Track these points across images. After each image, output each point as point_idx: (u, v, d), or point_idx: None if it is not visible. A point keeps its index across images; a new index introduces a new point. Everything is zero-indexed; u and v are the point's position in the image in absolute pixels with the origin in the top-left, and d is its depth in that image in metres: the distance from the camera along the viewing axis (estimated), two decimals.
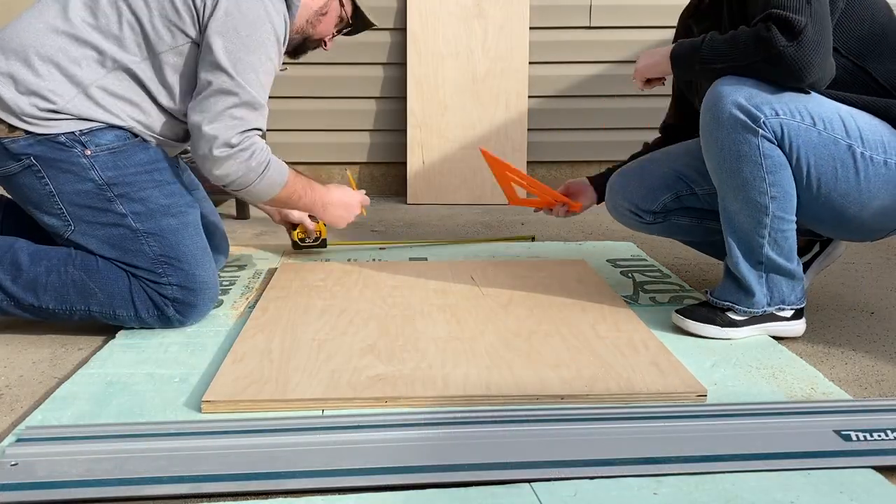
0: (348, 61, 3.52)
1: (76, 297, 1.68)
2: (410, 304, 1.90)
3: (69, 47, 1.65)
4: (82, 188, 1.66)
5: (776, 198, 1.63)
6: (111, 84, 1.68)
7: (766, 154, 1.60)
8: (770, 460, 1.19)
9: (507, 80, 3.45)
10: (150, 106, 1.73)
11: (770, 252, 1.67)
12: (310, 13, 1.91)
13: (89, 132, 1.66)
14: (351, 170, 3.68)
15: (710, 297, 1.75)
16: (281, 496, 1.10)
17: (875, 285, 2.20)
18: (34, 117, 1.63)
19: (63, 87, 1.64)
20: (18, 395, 1.46)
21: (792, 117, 1.59)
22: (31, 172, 1.65)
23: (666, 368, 1.51)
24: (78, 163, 1.65)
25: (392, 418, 1.31)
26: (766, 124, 1.59)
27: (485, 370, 1.49)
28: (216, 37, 1.66)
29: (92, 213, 1.67)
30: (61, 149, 1.64)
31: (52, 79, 1.64)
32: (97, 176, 1.66)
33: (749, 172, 1.62)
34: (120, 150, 1.69)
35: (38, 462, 1.16)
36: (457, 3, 3.42)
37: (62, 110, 1.64)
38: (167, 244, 1.70)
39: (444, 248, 2.61)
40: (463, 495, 1.10)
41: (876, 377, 1.57)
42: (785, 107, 1.59)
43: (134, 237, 1.68)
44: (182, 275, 1.71)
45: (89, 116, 1.66)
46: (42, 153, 1.64)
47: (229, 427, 1.28)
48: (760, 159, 1.61)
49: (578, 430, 1.27)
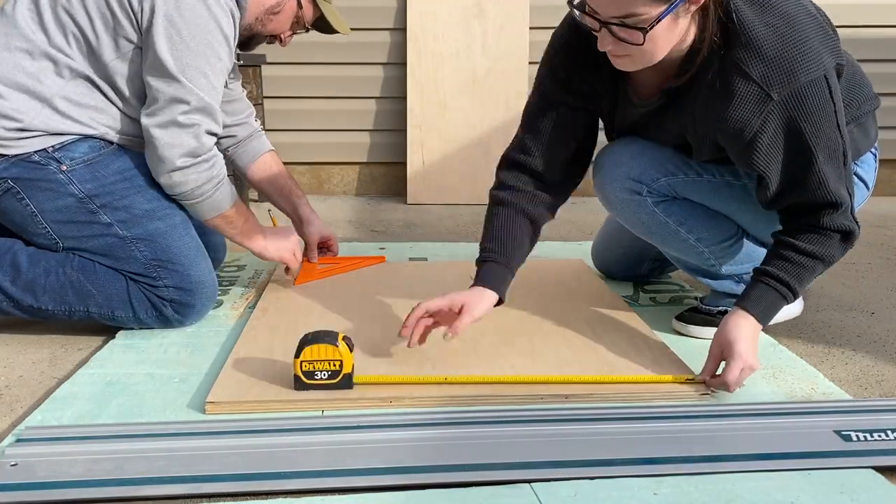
0: (348, 61, 3.52)
1: (74, 298, 1.68)
2: (411, 304, 1.90)
3: (24, 63, 1.62)
4: (63, 204, 1.64)
5: (702, 238, 1.67)
6: (73, 93, 1.65)
7: (668, 212, 1.64)
8: (770, 460, 1.19)
9: (507, 80, 3.45)
10: (115, 111, 1.70)
11: (729, 268, 1.71)
12: (260, 10, 1.83)
13: (62, 147, 1.64)
14: (351, 170, 3.68)
15: (702, 304, 1.76)
16: (281, 496, 1.10)
17: (875, 285, 2.20)
18: (3, 139, 1.60)
19: (26, 104, 1.62)
20: (18, 395, 1.46)
21: (674, 175, 1.62)
22: (11, 195, 1.64)
23: (669, 367, 1.51)
24: (55, 179, 1.63)
25: (392, 418, 1.31)
26: (651, 192, 1.62)
27: (488, 370, 1.49)
28: (161, 43, 1.60)
29: (77, 227, 1.66)
30: (37, 167, 1.62)
31: (13, 97, 1.61)
32: (77, 190, 1.64)
33: (662, 232, 1.67)
34: (95, 160, 1.67)
35: (38, 462, 1.16)
36: (457, 3, 3.42)
37: (30, 127, 1.61)
38: (158, 248, 1.69)
39: (444, 247, 2.60)
40: (463, 495, 1.10)
41: (876, 377, 1.57)
42: (663, 168, 1.61)
43: (123, 245, 1.67)
44: (177, 276, 1.70)
45: (59, 130, 1.64)
46: (18, 174, 1.62)
47: (229, 427, 1.28)
48: (664, 219, 1.65)
49: (578, 430, 1.27)
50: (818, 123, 1.39)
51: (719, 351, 1.42)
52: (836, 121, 1.41)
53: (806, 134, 1.40)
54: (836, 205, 1.43)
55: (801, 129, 1.39)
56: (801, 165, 1.42)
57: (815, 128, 1.39)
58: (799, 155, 1.42)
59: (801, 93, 1.37)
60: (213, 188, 1.71)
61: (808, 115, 1.39)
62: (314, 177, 3.70)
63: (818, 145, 1.40)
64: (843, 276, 2.26)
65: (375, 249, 2.56)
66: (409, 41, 3.44)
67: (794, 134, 1.40)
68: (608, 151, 1.69)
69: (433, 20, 3.44)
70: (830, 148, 1.42)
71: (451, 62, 3.45)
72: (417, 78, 3.45)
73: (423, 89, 3.46)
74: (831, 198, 1.42)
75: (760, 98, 1.38)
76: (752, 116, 1.40)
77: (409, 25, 3.44)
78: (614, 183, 1.64)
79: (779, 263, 1.45)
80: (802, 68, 1.36)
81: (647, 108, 1.56)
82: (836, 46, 1.44)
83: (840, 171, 1.43)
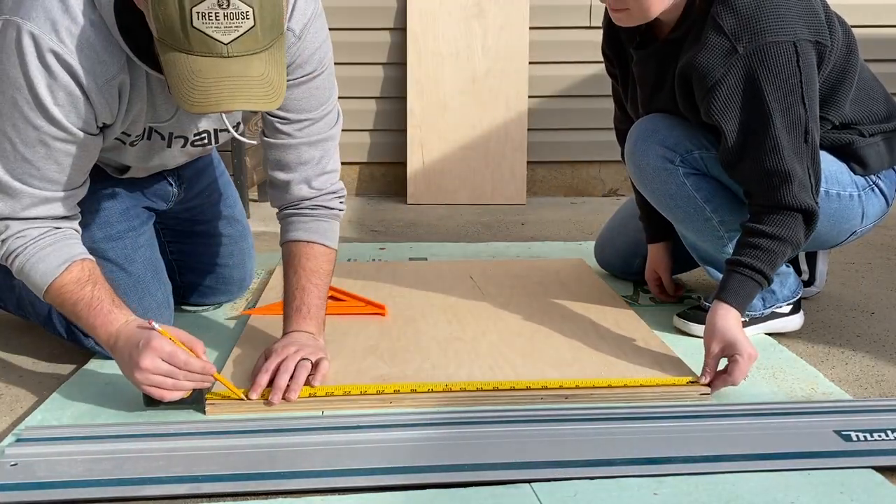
0: (348, 61, 3.51)
1: (16, 303, 1.65)
2: (411, 304, 1.90)
3: None
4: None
5: (725, 221, 1.67)
6: None
7: (697, 187, 1.65)
8: (770, 460, 1.19)
9: (507, 80, 3.45)
10: None
11: None
12: None
13: None
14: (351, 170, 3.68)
15: (704, 302, 1.76)
16: (281, 496, 1.10)
17: (875, 285, 2.19)
18: None
19: None
20: (18, 395, 1.46)
21: (707, 150, 1.64)
22: None
23: (669, 367, 1.51)
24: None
25: (392, 418, 1.31)
26: (684, 161, 1.64)
27: (488, 370, 1.49)
28: None
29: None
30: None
31: None
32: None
33: (687, 207, 1.67)
34: None
35: (38, 462, 1.16)
36: (457, 3, 3.42)
37: None
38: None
39: (444, 247, 2.60)
40: (463, 495, 1.10)
41: (876, 377, 1.57)
42: (698, 141, 1.64)
43: None
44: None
45: None
46: None
47: (229, 427, 1.28)
48: (692, 192, 1.66)
49: (579, 430, 1.27)
50: (779, 87, 1.47)
51: (720, 349, 1.43)
52: (800, 91, 1.47)
53: (765, 94, 1.47)
54: (789, 176, 1.47)
55: (762, 88, 1.47)
56: (758, 126, 1.48)
57: (775, 90, 1.47)
58: (756, 114, 1.48)
59: (764, 51, 1.46)
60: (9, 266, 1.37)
61: (769, 76, 1.47)
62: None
63: (775, 110, 1.47)
64: (843, 276, 2.26)
65: (375, 250, 2.56)
66: (409, 41, 3.44)
67: (754, 92, 1.48)
68: (643, 122, 1.72)
69: (433, 20, 3.44)
70: (790, 117, 1.48)
71: (451, 62, 3.45)
72: (417, 78, 3.45)
73: (423, 89, 3.45)
74: (785, 166, 1.47)
75: (727, 50, 1.48)
76: (716, 66, 1.49)
77: (409, 25, 3.44)
78: (648, 150, 1.67)
79: (750, 252, 1.49)
80: (771, 29, 1.46)
81: (640, 60, 1.68)
82: (818, 27, 1.50)
83: (800, 145, 1.49)
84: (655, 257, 1.95)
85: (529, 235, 2.84)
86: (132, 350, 1.27)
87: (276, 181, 1.54)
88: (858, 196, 1.68)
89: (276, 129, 1.49)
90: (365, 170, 3.68)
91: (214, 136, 1.53)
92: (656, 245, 1.94)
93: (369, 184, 3.67)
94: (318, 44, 1.45)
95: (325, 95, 1.51)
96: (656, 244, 1.94)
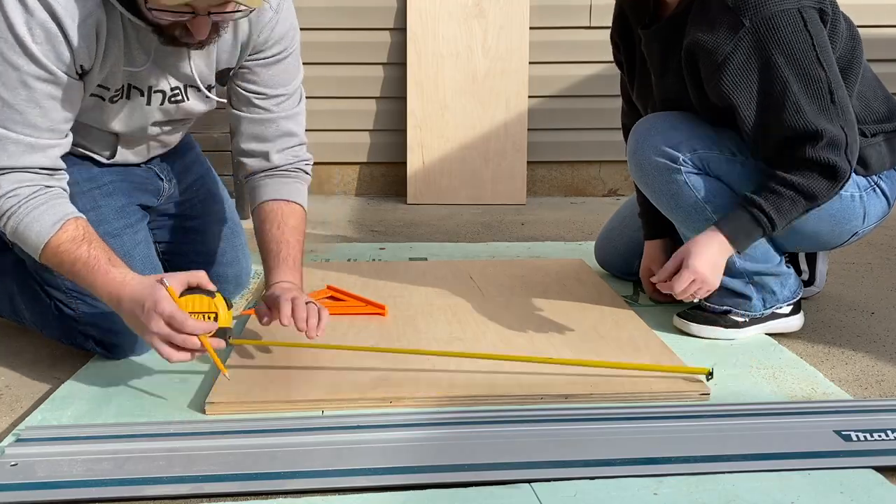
0: (348, 61, 3.51)
1: (10, 307, 1.65)
2: (411, 304, 1.90)
3: None
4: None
5: None
6: None
7: (697, 186, 1.65)
8: (770, 460, 1.19)
9: (507, 80, 3.45)
10: None
11: (743, 263, 1.69)
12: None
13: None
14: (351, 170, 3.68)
15: (704, 302, 1.75)
16: (281, 496, 1.10)
17: (875, 285, 2.19)
18: None
19: None
20: (18, 395, 1.46)
21: (710, 150, 1.64)
22: None
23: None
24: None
25: (392, 418, 1.31)
26: (686, 161, 1.64)
27: (488, 370, 1.49)
28: None
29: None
30: None
31: None
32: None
33: (688, 207, 1.67)
34: None
35: (38, 462, 1.16)
36: (457, 3, 3.42)
37: None
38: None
39: (444, 247, 2.60)
40: (463, 495, 1.10)
41: (876, 377, 1.57)
42: (700, 141, 1.64)
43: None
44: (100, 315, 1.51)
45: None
46: None
47: (229, 427, 1.28)
48: (694, 192, 1.66)
49: (578, 430, 1.27)
50: (792, 55, 1.47)
51: (679, 260, 1.49)
52: (814, 54, 1.48)
53: (778, 64, 1.48)
54: (817, 134, 1.47)
55: (774, 58, 1.48)
56: (776, 96, 1.49)
57: (788, 58, 1.48)
58: (771, 84, 1.49)
59: (771, 21, 1.46)
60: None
61: (780, 45, 1.47)
62: (314, 177, 3.68)
63: (791, 76, 1.48)
64: (843, 276, 2.26)
65: (375, 250, 2.56)
66: (409, 41, 3.44)
67: (766, 63, 1.48)
68: (645, 121, 1.73)
69: (433, 20, 3.44)
70: (808, 80, 1.48)
71: (451, 62, 3.45)
72: (417, 78, 3.45)
73: (423, 89, 3.45)
74: (811, 127, 1.47)
75: (733, 24, 1.49)
76: (723, 42, 1.50)
77: (409, 25, 3.44)
78: (650, 149, 1.67)
79: (759, 192, 1.52)
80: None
81: (648, 40, 1.69)
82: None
83: (825, 104, 1.49)
84: (651, 254, 1.95)
85: (529, 235, 2.84)
86: (137, 310, 1.30)
87: (254, 151, 1.66)
88: (860, 196, 1.68)
89: (253, 104, 1.63)
90: (365, 170, 3.68)
91: (185, 91, 1.56)
92: (653, 242, 1.94)
93: (369, 184, 3.67)
94: (291, 22, 1.58)
95: (297, 72, 1.67)
96: (653, 241, 1.94)
